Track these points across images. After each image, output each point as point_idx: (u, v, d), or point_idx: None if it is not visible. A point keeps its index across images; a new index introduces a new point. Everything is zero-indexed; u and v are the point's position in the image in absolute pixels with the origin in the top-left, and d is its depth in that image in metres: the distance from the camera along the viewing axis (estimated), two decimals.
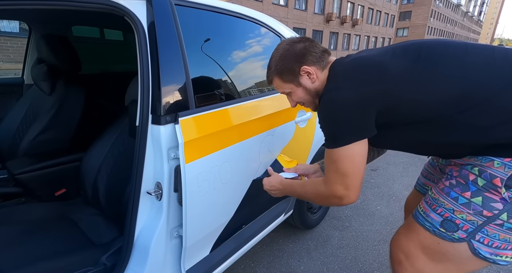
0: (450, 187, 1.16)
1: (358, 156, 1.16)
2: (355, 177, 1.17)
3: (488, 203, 1.05)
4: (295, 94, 1.40)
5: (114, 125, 1.95)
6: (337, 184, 1.20)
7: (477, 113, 1.03)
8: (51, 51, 2.12)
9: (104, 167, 1.84)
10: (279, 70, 1.35)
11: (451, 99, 1.05)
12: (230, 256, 1.76)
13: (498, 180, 1.02)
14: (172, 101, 1.33)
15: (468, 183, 1.10)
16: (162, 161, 1.31)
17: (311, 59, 1.30)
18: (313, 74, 1.31)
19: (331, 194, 1.23)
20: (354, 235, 2.73)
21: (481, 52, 1.10)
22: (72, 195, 2.24)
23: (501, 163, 1.03)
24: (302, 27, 27.46)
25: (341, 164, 1.17)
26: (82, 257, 1.51)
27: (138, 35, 1.27)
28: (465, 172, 1.12)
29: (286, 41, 1.38)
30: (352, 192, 1.19)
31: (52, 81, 2.21)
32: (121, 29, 3.17)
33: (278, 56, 1.35)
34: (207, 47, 1.61)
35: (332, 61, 1.33)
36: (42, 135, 2.21)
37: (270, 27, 2.05)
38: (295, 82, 1.36)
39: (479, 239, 1.08)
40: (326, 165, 1.24)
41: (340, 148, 1.15)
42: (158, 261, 1.38)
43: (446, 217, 1.14)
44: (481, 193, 1.06)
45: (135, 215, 1.35)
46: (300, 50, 1.31)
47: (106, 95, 2.72)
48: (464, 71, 1.06)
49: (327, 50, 1.37)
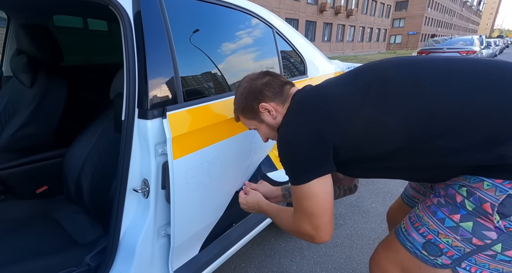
0: (438, 206, 1.08)
1: (321, 194, 1.14)
2: (321, 216, 1.15)
3: (480, 231, 0.96)
4: (260, 130, 1.44)
5: (98, 119, 1.93)
6: (305, 223, 1.19)
7: (448, 133, 0.97)
8: (31, 42, 2.09)
9: (88, 163, 1.83)
10: (240, 109, 1.41)
11: (413, 121, 1.01)
12: (220, 256, 1.76)
13: (488, 205, 0.94)
14: (160, 95, 1.33)
15: (457, 205, 1.02)
16: (149, 157, 1.30)
17: (269, 95, 1.33)
18: (272, 111, 1.33)
19: (301, 232, 1.22)
20: (348, 233, 2.75)
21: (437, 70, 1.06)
22: (54, 193, 2.23)
23: (492, 184, 0.94)
24: (295, 17, 27.39)
25: (305, 203, 1.16)
26: (65, 257, 1.50)
27: (123, 25, 1.26)
28: (452, 192, 1.04)
29: (246, 78, 1.43)
30: (323, 231, 1.17)
31: (33, 73, 2.18)
32: (106, 19, 3.14)
33: (239, 95, 1.41)
34: (196, 39, 1.61)
35: (293, 93, 1.34)
36: (22, 130, 2.18)
37: (261, 17, 2.05)
38: (257, 119, 1.40)
39: (465, 267, 1.02)
40: (293, 201, 1.24)
41: (302, 186, 1.14)
42: (144, 261, 1.38)
43: (429, 239, 1.07)
44: (472, 218, 0.98)
45: (120, 213, 1.34)
46: (257, 87, 1.35)
47: (90, 88, 2.70)
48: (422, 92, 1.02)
49: (287, 82, 1.39)
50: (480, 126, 0.94)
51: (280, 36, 2.20)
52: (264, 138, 1.49)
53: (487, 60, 1.07)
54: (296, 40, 2.39)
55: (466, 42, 13.47)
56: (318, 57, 2.66)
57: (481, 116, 0.94)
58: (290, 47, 2.31)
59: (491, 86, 0.96)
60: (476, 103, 0.95)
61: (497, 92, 0.95)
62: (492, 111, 0.93)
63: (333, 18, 32.95)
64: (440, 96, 0.99)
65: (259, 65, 2.01)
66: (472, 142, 0.94)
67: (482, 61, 1.06)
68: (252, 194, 1.58)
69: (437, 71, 1.05)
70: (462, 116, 0.95)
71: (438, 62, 1.10)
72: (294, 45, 2.34)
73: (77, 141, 1.97)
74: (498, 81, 0.97)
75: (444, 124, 0.97)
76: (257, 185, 1.66)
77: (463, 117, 0.95)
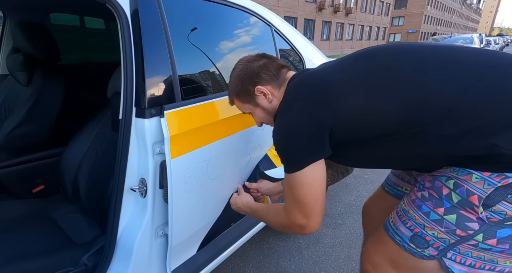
0: (422, 200, 1.11)
1: (315, 181, 1.15)
2: (313, 205, 1.16)
3: (463, 222, 0.99)
4: (255, 114, 1.42)
5: (95, 118, 1.93)
6: (296, 212, 1.19)
7: (443, 122, 0.98)
8: (27, 40, 2.09)
9: (85, 162, 1.82)
10: (235, 91, 1.38)
11: (409, 108, 1.01)
12: (218, 256, 1.76)
13: (475, 198, 0.96)
14: (157, 93, 1.33)
15: (442, 198, 1.04)
16: (146, 156, 1.30)
17: (265, 78, 1.32)
18: (268, 94, 1.32)
19: (291, 222, 1.22)
20: (347, 233, 2.75)
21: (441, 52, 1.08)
22: (51, 192, 2.22)
23: (480, 177, 0.96)
24: (294, 16, 27.38)
25: (297, 191, 1.16)
26: (62, 257, 1.50)
27: (120, 23, 1.26)
28: (439, 184, 1.06)
29: (242, 60, 1.40)
30: (313, 220, 1.18)
31: (29, 72, 2.18)
32: (103, 17, 3.14)
33: (234, 77, 1.38)
34: (194, 37, 1.61)
35: (290, 77, 1.33)
36: (18, 129, 2.18)
37: (260, 16, 2.04)
38: (252, 103, 1.38)
39: (451, 256, 1.05)
40: (285, 191, 1.24)
41: (296, 174, 1.14)
42: (142, 261, 1.39)
43: (416, 232, 1.11)
44: (455, 211, 1.01)
45: (118, 212, 1.34)
46: (254, 69, 1.33)
47: (87, 87, 2.69)
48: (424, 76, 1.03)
49: (284, 65, 1.38)
50: (475, 115, 0.95)
51: (279, 34, 2.20)
52: (258, 123, 1.48)
53: (487, 51, 1.08)
54: (294, 38, 2.38)
55: (465, 40, 13.49)
56: (317, 56, 2.66)
57: (476, 107, 0.95)
58: (289, 45, 2.31)
59: (487, 78, 0.97)
60: (473, 94, 0.96)
61: (493, 84, 0.96)
62: (487, 102, 0.95)
63: (332, 16, 32.94)
64: (439, 87, 1.00)
65: None
66: (467, 129, 0.95)
67: (484, 52, 1.07)
68: (242, 196, 1.58)
69: (438, 61, 1.05)
70: (459, 108, 0.96)
71: (439, 50, 1.10)
72: (293, 43, 2.34)
73: (74, 140, 1.97)
74: (495, 71, 0.99)
75: (441, 113, 0.98)
76: (258, 184, 1.66)
77: (461, 108, 0.96)
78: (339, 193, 3.48)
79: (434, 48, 1.12)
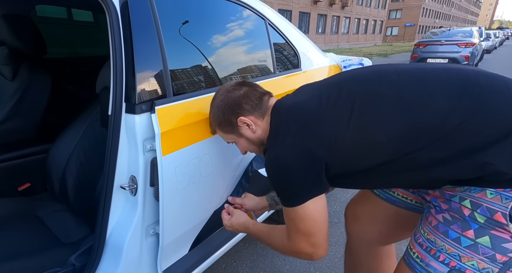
0: (446, 224, 1.01)
1: (317, 212, 1.13)
2: (319, 234, 1.15)
3: (499, 244, 0.90)
4: (239, 144, 1.41)
5: (84, 114, 1.92)
6: (302, 243, 1.17)
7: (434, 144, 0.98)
8: (12, 33, 2.07)
9: (73, 159, 1.82)
10: (217, 122, 1.37)
11: (401, 136, 1.02)
12: (211, 255, 1.77)
13: (499, 215, 0.90)
14: (148, 89, 1.33)
15: (466, 219, 0.96)
16: (137, 153, 1.30)
17: (247, 108, 1.30)
18: (252, 125, 1.31)
19: (298, 252, 1.21)
20: (342, 231, 2.74)
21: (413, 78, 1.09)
22: (37, 190, 2.21)
23: (495, 192, 0.92)
24: (288, 8, 27.30)
25: (301, 224, 1.14)
26: (49, 257, 1.50)
27: (109, 16, 1.25)
28: (456, 205, 0.99)
29: (222, 89, 1.38)
30: (321, 248, 1.16)
31: (15, 66, 2.16)
32: (91, 9, 3.11)
33: (215, 107, 1.36)
34: (185, 31, 1.60)
35: (272, 104, 1.32)
36: (3, 125, 2.16)
37: (253, 9, 2.04)
38: (235, 133, 1.36)
39: None
40: (286, 222, 1.22)
41: (298, 208, 1.12)
42: (132, 261, 1.39)
43: (453, 267, 0.98)
44: (486, 232, 0.92)
45: (107, 211, 1.34)
46: (235, 100, 1.31)
47: (75, 81, 2.68)
48: (404, 103, 1.04)
49: (265, 92, 1.36)
50: (460, 135, 0.95)
51: (273, 28, 2.19)
52: (242, 151, 1.46)
53: (456, 67, 1.10)
54: (289, 32, 2.38)
55: (465, 34, 13.47)
56: (312, 50, 2.66)
57: (460, 125, 0.95)
58: (283, 39, 2.31)
59: (466, 94, 0.99)
60: (455, 114, 0.97)
61: (473, 101, 0.97)
62: (469, 120, 0.95)
63: (327, 9, 32.87)
64: (424, 110, 1.01)
65: (251, 58, 2.01)
66: (456, 151, 0.96)
67: (454, 69, 1.09)
68: (236, 216, 1.51)
69: (417, 84, 1.07)
70: (445, 128, 0.97)
71: (415, 73, 1.11)
72: (287, 37, 2.34)
73: (62, 136, 1.96)
74: (472, 89, 0.99)
75: (429, 136, 0.98)
76: (242, 200, 1.62)
77: (446, 128, 0.96)
78: (334, 191, 3.49)
79: (410, 71, 1.13)
